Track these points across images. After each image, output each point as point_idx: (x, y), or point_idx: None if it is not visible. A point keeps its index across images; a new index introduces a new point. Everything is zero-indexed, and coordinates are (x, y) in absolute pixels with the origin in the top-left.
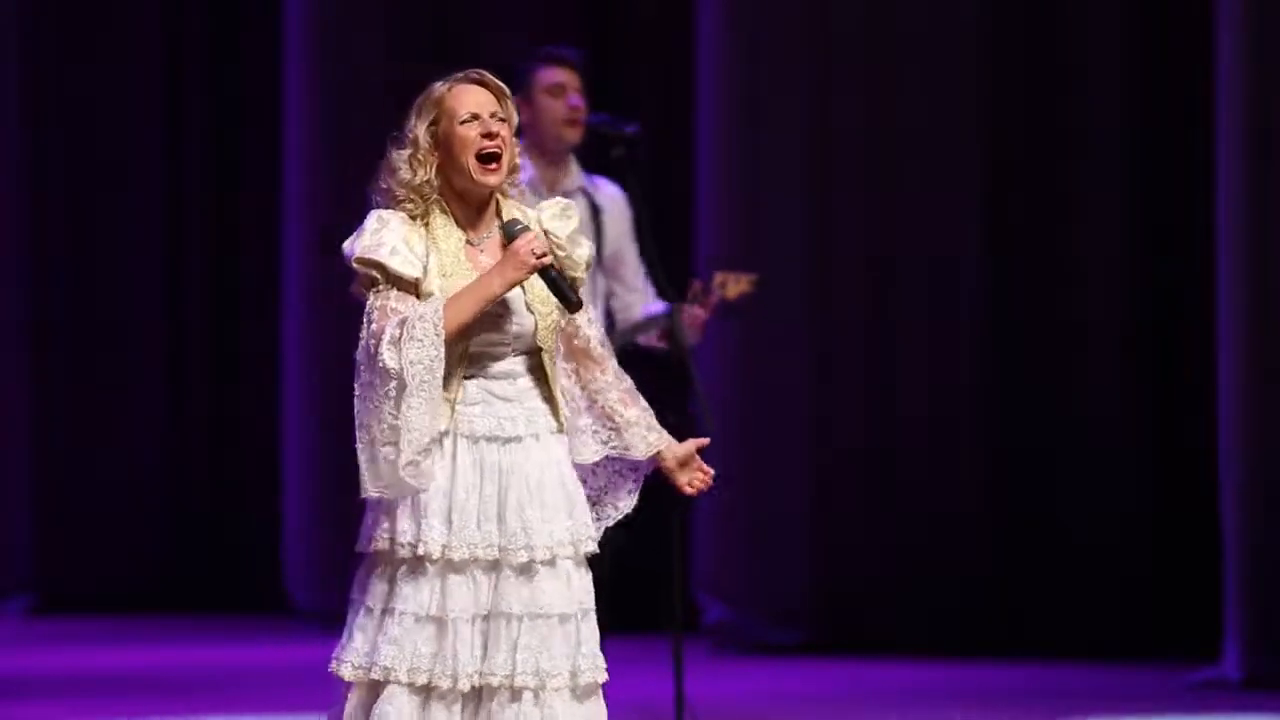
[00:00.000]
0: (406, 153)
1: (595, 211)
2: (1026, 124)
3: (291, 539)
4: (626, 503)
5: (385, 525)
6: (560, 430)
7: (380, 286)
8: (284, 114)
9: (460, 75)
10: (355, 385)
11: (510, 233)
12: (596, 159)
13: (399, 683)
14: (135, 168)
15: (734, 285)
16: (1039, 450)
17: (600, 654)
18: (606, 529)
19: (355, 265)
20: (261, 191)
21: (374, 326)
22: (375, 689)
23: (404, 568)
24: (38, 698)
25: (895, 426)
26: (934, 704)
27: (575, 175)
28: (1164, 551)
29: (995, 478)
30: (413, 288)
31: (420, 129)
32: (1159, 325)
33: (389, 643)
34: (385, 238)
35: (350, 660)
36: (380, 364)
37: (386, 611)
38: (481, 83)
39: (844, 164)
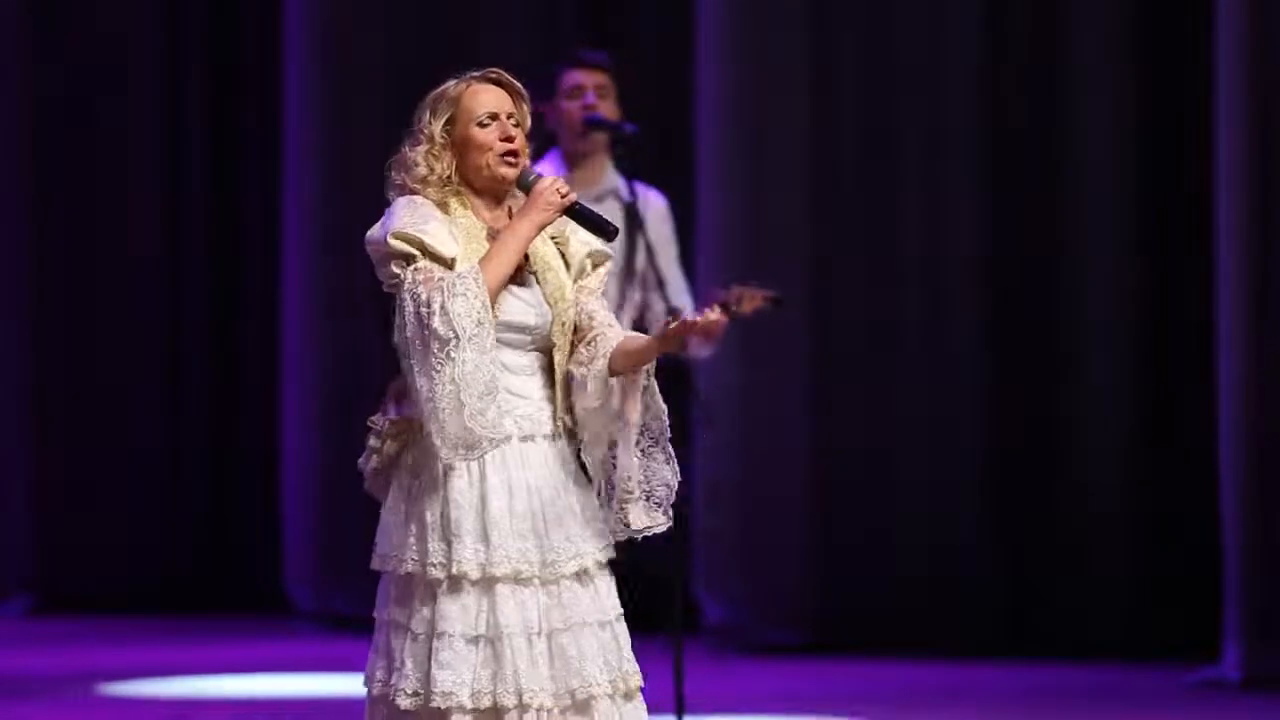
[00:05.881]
0: (423, 149)
1: (629, 217)
2: (1027, 124)
3: (291, 539)
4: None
5: (414, 546)
6: (562, 434)
7: (419, 263)
8: (284, 114)
9: (478, 74)
10: (413, 363)
11: (526, 183)
12: None
13: (463, 709)
14: (135, 167)
15: (749, 301)
16: (1039, 450)
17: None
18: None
19: (391, 242)
20: (261, 191)
21: (424, 295)
22: (435, 716)
23: (444, 588)
24: (38, 698)
25: (895, 426)
26: (934, 704)
27: (607, 179)
28: (1164, 551)
29: (995, 478)
30: (449, 266)
31: (436, 126)
32: (1159, 325)
33: (441, 668)
34: (420, 217)
35: (404, 687)
36: (432, 330)
37: (434, 635)
38: (499, 83)
39: (844, 164)
